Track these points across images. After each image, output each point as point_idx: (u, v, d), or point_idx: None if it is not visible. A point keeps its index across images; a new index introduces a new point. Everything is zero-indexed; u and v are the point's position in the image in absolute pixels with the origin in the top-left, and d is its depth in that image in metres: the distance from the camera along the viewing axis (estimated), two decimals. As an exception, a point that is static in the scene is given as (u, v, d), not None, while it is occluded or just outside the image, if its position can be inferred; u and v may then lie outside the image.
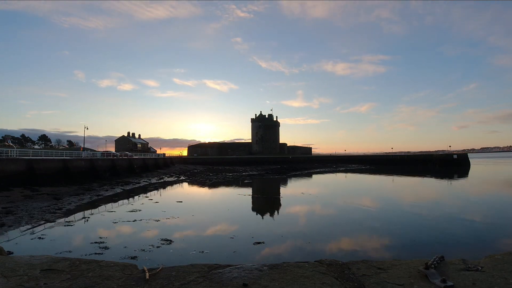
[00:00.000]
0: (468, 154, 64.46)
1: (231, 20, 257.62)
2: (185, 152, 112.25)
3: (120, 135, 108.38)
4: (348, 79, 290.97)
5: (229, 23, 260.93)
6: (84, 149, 58.26)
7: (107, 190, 22.42)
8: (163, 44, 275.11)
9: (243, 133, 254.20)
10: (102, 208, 15.82)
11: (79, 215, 13.89)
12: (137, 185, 27.12)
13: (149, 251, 8.30)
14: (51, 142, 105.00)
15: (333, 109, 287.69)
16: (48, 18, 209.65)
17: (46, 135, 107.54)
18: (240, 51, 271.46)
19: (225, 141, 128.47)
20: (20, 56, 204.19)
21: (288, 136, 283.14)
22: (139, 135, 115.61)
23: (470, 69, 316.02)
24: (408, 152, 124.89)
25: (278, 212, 14.92)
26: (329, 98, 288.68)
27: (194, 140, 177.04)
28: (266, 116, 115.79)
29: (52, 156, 30.59)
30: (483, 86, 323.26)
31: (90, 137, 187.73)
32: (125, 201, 18.34)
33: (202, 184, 30.19)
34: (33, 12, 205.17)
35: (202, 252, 8.20)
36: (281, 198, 20.20)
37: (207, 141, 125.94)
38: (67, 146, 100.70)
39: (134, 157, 46.90)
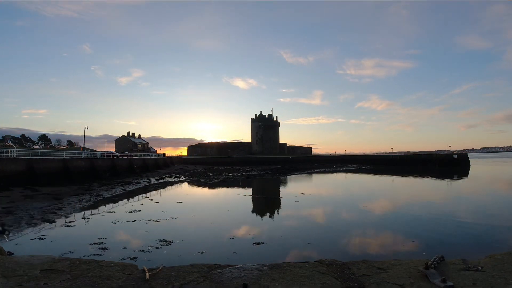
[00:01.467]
0: (468, 154, 64.45)
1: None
2: (185, 152, 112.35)
3: (120, 135, 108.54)
4: (366, 78, 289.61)
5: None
6: (84, 149, 58.25)
7: (107, 190, 22.41)
8: (180, 37, 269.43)
9: (246, 133, 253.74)
10: (102, 208, 15.81)
11: (79, 215, 13.88)
12: (137, 185, 27.10)
13: (149, 251, 8.30)
14: (51, 142, 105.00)
15: (350, 107, 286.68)
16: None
17: (46, 135, 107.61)
18: (264, 46, 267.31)
19: (226, 141, 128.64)
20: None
21: (289, 136, 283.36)
22: (139, 135, 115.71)
23: (475, 68, 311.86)
24: (408, 152, 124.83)
25: (278, 213, 14.92)
26: (344, 97, 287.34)
27: (195, 139, 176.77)
28: (266, 116, 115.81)
29: (52, 156, 30.55)
30: (487, 84, 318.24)
31: (90, 137, 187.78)
32: (125, 201, 18.33)
33: (202, 184, 30.17)
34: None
35: (202, 252, 8.19)
36: (281, 199, 20.20)
37: (208, 141, 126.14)
38: (67, 146, 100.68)
39: (134, 157, 46.86)
